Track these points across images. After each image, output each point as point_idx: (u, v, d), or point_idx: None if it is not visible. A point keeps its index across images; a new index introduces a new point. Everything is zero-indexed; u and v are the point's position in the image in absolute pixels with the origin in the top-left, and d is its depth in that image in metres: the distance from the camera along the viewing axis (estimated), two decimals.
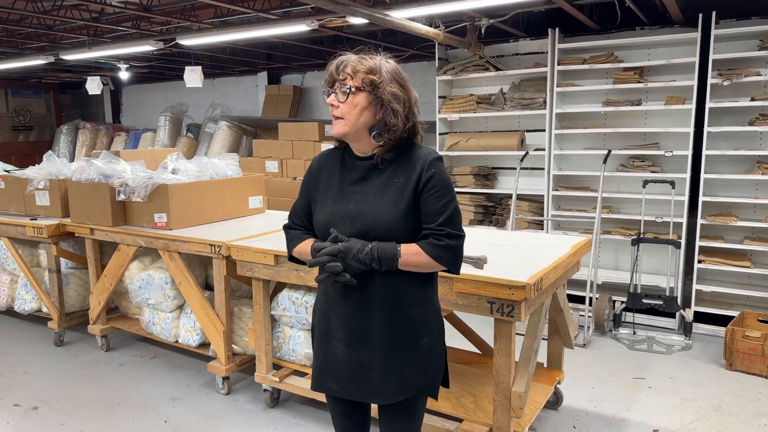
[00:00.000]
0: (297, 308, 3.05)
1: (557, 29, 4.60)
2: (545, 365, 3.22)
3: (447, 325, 3.34)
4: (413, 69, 7.04)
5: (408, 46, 6.17)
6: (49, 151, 4.64)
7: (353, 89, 1.63)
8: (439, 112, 5.29)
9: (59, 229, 4.03)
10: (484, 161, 5.44)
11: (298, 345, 3.12)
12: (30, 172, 4.42)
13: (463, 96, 5.28)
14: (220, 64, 7.49)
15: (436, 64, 5.26)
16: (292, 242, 1.82)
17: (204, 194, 3.81)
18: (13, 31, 5.24)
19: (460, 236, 1.64)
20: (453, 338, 3.50)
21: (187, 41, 4.75)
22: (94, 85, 6.80)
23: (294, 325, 3.12)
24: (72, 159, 8.34)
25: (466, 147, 5.21)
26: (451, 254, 1.63)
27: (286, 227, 1.87)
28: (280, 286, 3.20)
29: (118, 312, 4.28)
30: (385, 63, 1.67)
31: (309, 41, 5.96)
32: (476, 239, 3.08)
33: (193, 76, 5.61)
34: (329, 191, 1.74)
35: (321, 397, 2.98)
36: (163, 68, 7.85)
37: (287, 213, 1.89)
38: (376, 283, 1.65)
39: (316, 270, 1.72)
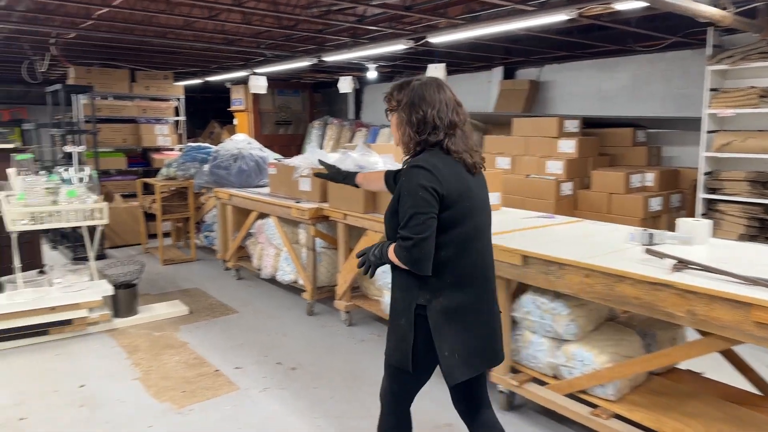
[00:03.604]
0: (542, 314, 2.91)
1: None
2: None
3: (717, 358, 2.88)
4: (672, 59, 6.28)
5: (669, 33, 5.49)
6: (313, 143, 5.23)
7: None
8: (707, 107, 4.60)
9: (317, 213, 4.49)
10: (764, 166, 4.57)
11: (540, 352, 2.97)
12: (296, 160, 5.02)
13: (741, 89, 4.50)
14: (457, 60, 7.62)
15: (708, 52, 4.56)
16: None
17: None
18: (290, 35, 6.01)
19: (410, 238, 1.85)
20: (724, 373, 3.00)
21: (437, 38, 4.90)
22: (345, 84, 7.48)
23: (537, 331, 2.98)
24: None
25: (742, 148, 4.44)
26: (405, 254, 1.88)
27: None
28: (522, 287, 3.08)
29: (360, 291, 4.63)
30: (406, 93, 2.02)
31: (555, 32, 5.69)
32: (761, 259, 2.56)
33: (436, 73, 5.78)
34: None
35: (559, 408, 2.81)
36: (403, 67, 8.29)
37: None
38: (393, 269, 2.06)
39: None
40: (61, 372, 3.62)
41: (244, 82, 10.21)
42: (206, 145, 6.83)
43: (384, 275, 3.95)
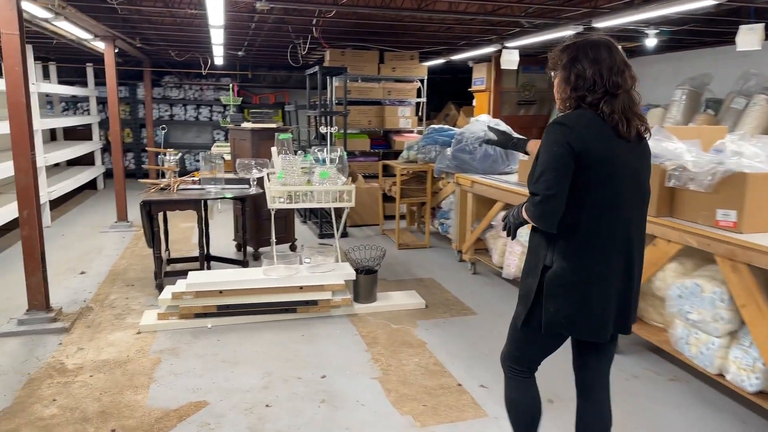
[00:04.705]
0: None
1: None
2: None
3: None
4: None
5: None
6: None
7: None
8: None
9: None
10: None
11: None
12: None
13: None
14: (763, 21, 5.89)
15: None
16: None
17: None
18: None
19: (536, 194, 1.82)
20: None
21: None
22: None
23: None
24: None
25: None
26: (531, 209, 1.85)
27: None
28: None
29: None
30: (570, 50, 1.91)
31: None
32: None
33: (749, 36, 4.43)
34: None
35: None
36: (688, 32, 6.77)
37: None
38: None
39: None
40: (305, 356, 3.54)
41: (487, 59, 9.68)
42: (448, 127, 6.46)
43: (680, 301, 3.02)
